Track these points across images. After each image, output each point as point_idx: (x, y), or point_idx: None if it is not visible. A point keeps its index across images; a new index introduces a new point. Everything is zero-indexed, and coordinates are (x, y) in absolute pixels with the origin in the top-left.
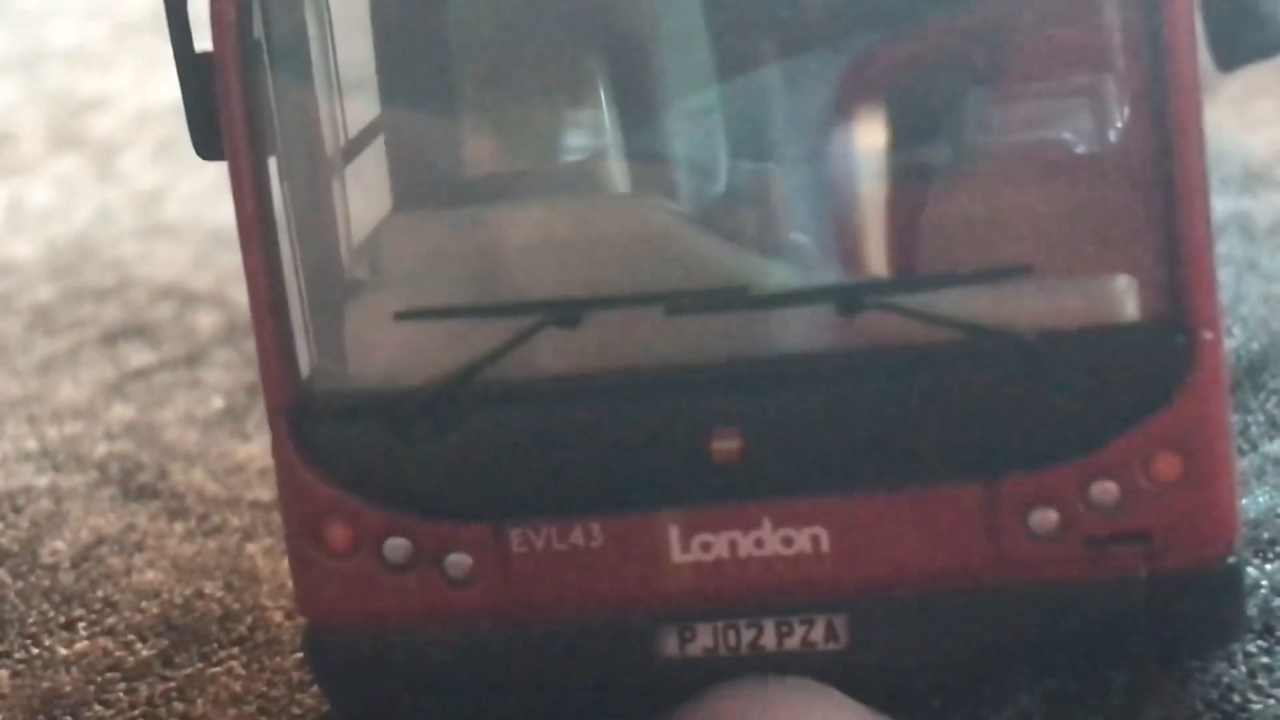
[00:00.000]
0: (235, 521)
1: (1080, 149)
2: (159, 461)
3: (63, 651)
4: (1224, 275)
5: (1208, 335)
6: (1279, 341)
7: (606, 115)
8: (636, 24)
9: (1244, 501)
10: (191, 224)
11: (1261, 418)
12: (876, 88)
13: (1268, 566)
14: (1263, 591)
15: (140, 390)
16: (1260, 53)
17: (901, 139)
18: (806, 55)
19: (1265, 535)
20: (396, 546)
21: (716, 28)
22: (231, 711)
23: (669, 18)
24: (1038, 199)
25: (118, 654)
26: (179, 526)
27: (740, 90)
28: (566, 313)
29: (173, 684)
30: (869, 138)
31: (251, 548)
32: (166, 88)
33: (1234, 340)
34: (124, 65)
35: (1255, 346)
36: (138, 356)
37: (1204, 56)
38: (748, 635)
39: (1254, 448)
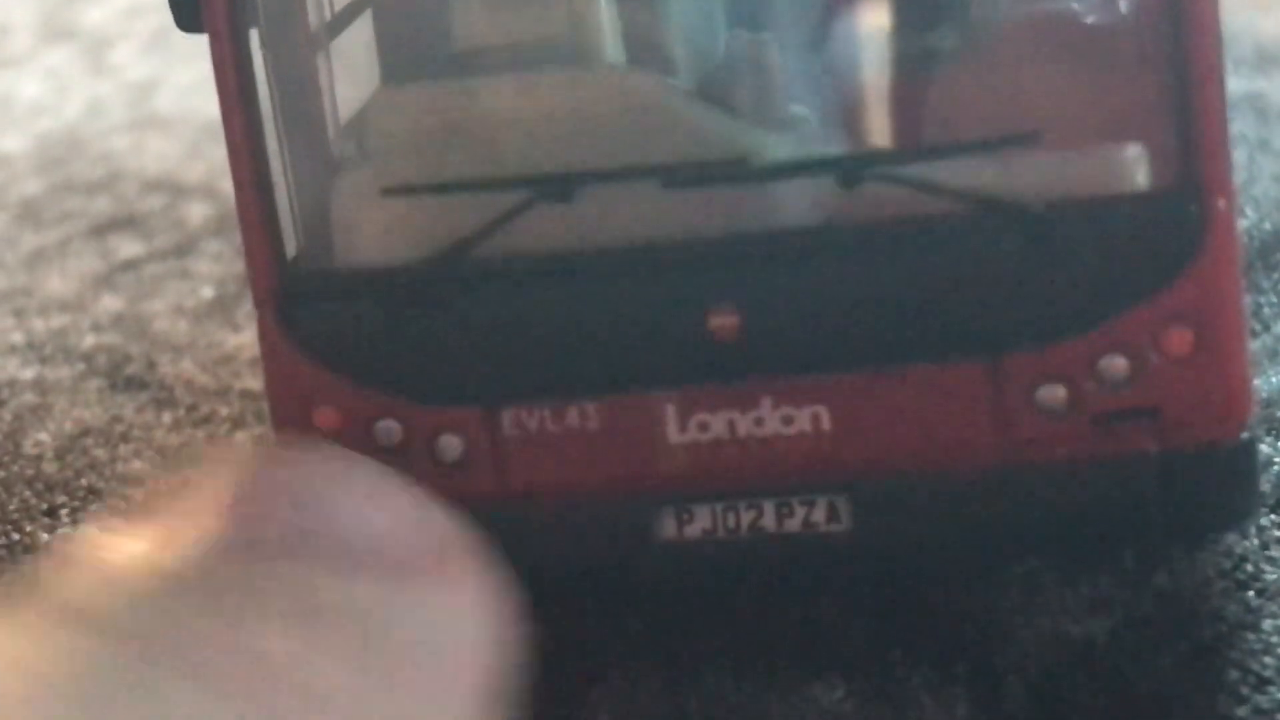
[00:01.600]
0: (224, 411)
1: (1090, 18)
2: (147, 353)
3: (44, 537)
4: (1237, 155)
5: (1220, 204)
6: None
7: None
8: None
9: (1257, 381)
10: (183, 116)
11: (1274, 298)
12: None
13: None
14: (1276, 468)
15: (129, 282)
16: None
17: (904, 9)
18: None
19: (1278, 414)
20: (387, 429)
21: None
22: None
23: None
24: (1046, 69)
25: None
26: (166, 416)
27: None
28: (558, 187)
29: None
30: (872, 7)
31: (240, 436)
32: None
33: (1246, 220)
34: None
35: (1268, 226)
36: (127, 248)
37: None
38: (747, 517)
39: (1266, 328)
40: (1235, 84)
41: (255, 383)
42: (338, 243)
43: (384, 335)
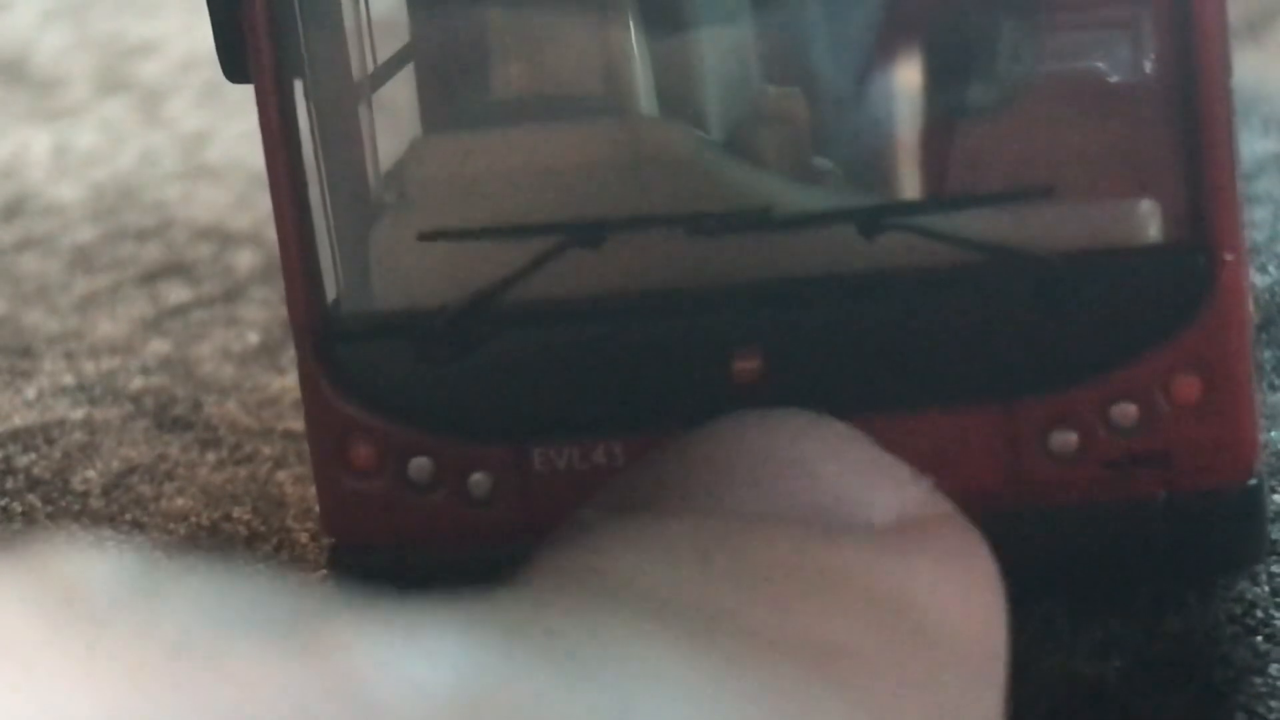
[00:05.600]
0: (267, 450)
1: (1107, 76)
2: (193, 394)
3: None
4: (1261, 214)
5: (1229, 257)
6: None
7: (634, 38)
8: None
9: (1272, 434)
10: (233, 166)
11: None
12: (904, 18)
13: None
14: None
15: (177, 326)
16: None
17: (927, 69)
18: None
19: None
20: (420, 466)
21: None
22: None
23: None
24: (1061, 126)
25: None
26: (210, 456)
27: (770, 18)
28: (589, 233)
29: None
30: (896, 66)
31: (282, 475)
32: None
33: (1269, 278)
34: (171, 11)
35: None
36: (176, 294)
37: None
38: None
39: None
40: (1262, 145)
41: (298, 424)
42: (376, 285)
43: (418, 375)
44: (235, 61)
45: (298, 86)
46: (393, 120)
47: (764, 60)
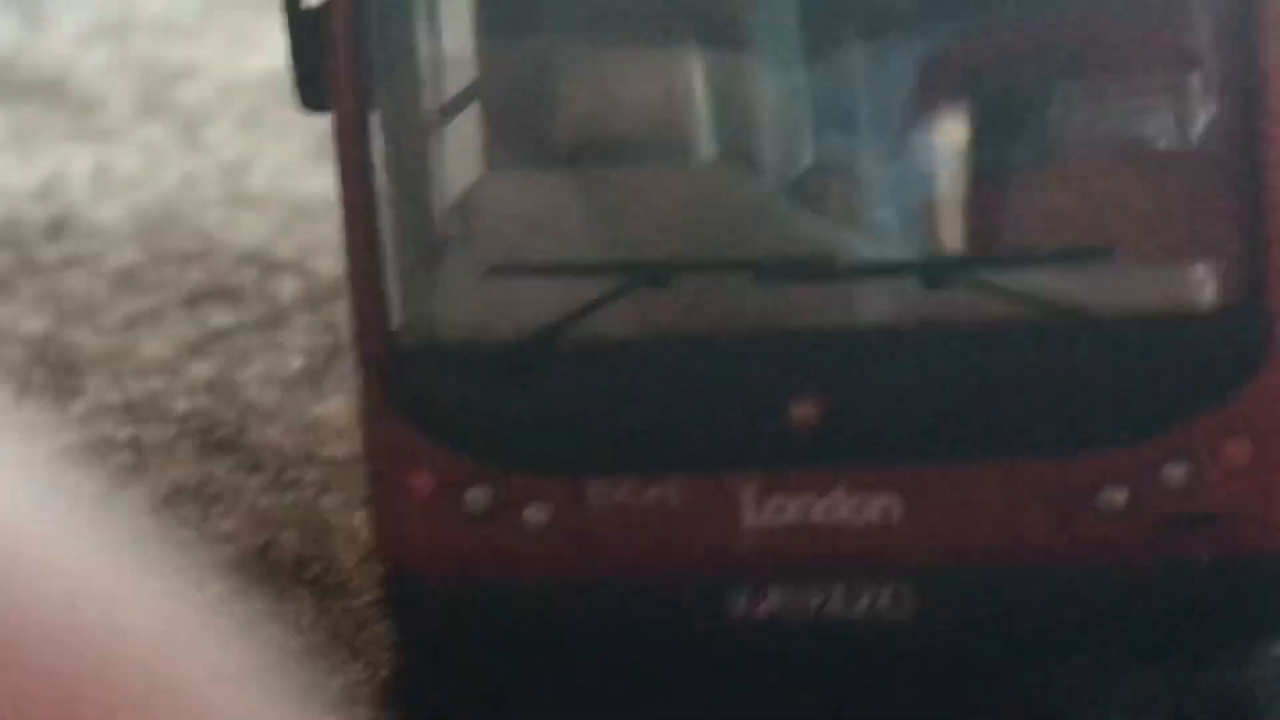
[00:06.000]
0: (311, 476)
1: (1164, 143)
2: (238, 417)
3: None
4: None
5: None
6: None
7: (700, 88)
8: (732, 2)
9: None
10: (275, 194)
11: None
12: (966, 76)
13: None
14: None
15: (221, 350)
16: None
17: (988, 127)
18: (897, 40)
19: None
20: (477, 495)
21: (810, 9)
22: (300, 640)
23: (763, 7)
24: (1122, 190)
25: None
26: (255, 480)
27: (832, 70)
28: (656, 275)
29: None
30: (956, 124)
31: (327, 501)
32: (254, 59)
33: None
34: (213, 37)
35: None
36: (219, 317)
37: None
38: (815, 600)
39: None
40: None
41: (340, 450)
42: (440, 316)
43: (479, 405)
44: (313, 90)
45: (374, 118)
46: (461, 155)
47: (829, 113)
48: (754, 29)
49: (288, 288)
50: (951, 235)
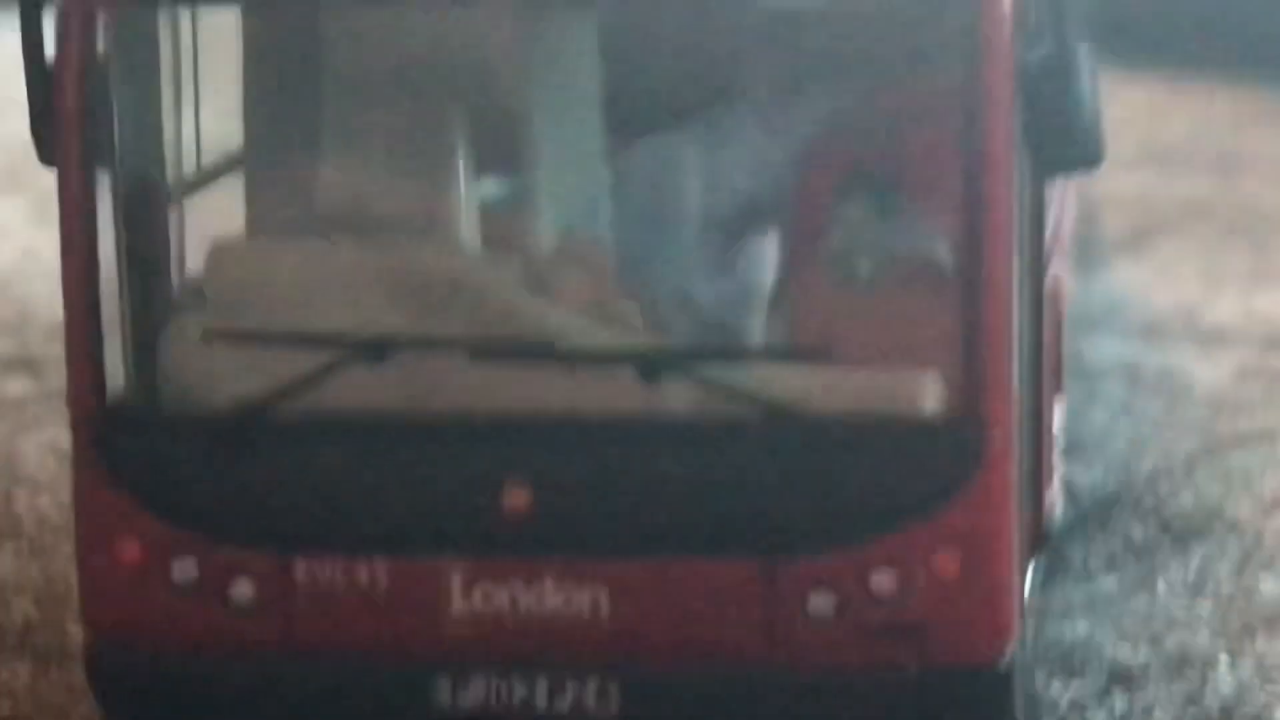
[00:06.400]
0: (66, 548)
1: (904, 254)
2: (6, 486)
3: None
4: (1099, 416)
5: (997, 436)
6: (1135, 482)
7: (458, 169)
8: (494, 92)
9: (1064, 626)
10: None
11: (1102, 552)
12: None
13: (1074, 681)
14: (1062, 707)
15: (11, 417)
16: (1079, 164)
17: (725, 225)
18: (650, 133)
19: (1077, 658)
20: (184, 567)
21: (587, 104)
22: (9, 708)
23: (524, 89)
24: (850, 296)
25: None
26: (9, 545)
27: (583, 160)
28: (372, 349)
29: None
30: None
31: (73, 572)
32: None
33: (1092, 475)
34: None
35: (1111, 484)
36: (16, 387)
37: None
38: (520, 691)
39: (1090, 579)
40: (1114, 349)
41: None
42: (159, 381)
43: (191, 475)
44: (48, 146)
45: (103, 180)
46: (213, 224)
47: (574, 201)
48: (515, 123)
49: None
50: (680, 329)
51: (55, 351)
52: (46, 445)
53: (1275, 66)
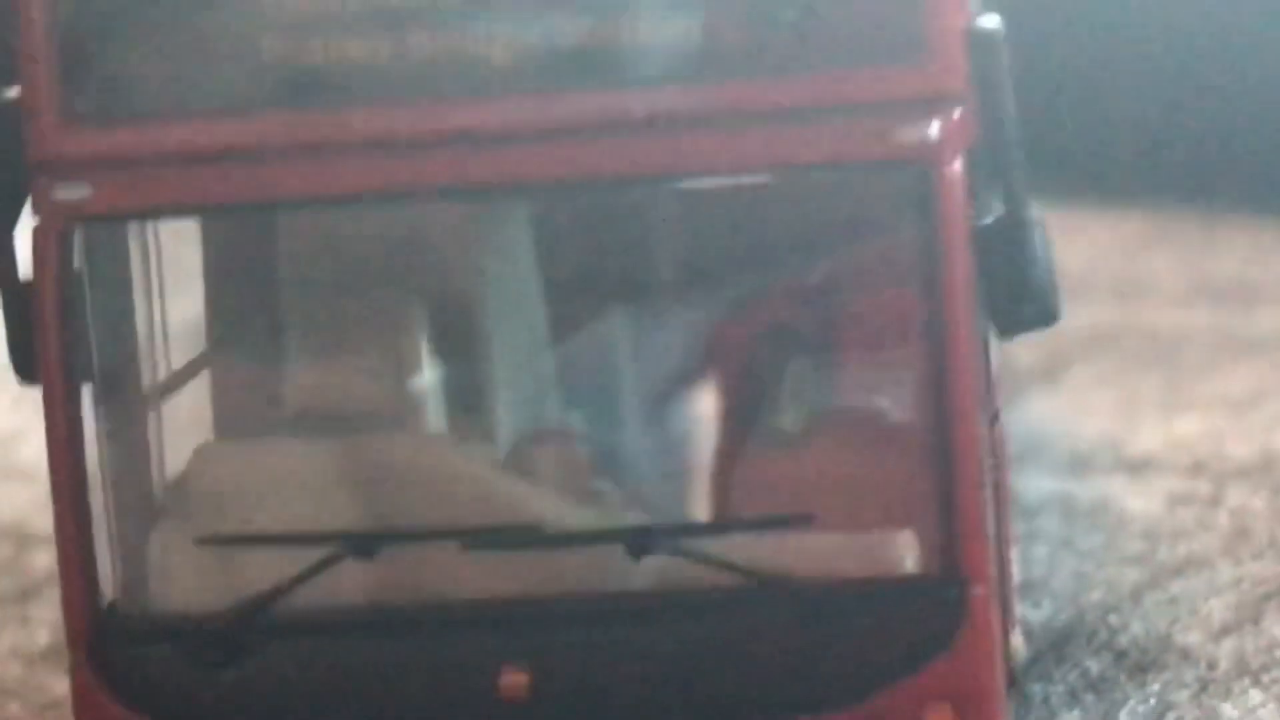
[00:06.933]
0: None
1: (874, 417)
2: None
3: None
4: (1040, 551)
5: (978, 591)
6: (1085, 616)
7: (426, 363)
8: (461, 279)
9: None
10: (42, 468)
11: (1062, 688)
12: (692, 352)
13: None
14: None
15: None
16: (1035, 323)
17: (704, 400)
18: (629, 315)
19: None
20: None
21: (545, 286)
22: None
23: (496, 273)
24: (826, 459)
25: None
26: None
27: (564, 344)
28: (361, 545)
29: None
30: (676, 396)
31: None
32: None
33: (1042, 612)
34: None
35: (1062, 619)
36: None
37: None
38: None
39: (1053, 716)
40: (1046, 484)
41: None
42: (151, 590)
43: (188, 681)
44: (27, 363)
45: (86, 390)
46: (185, 427)
47: (557, 380)
48: (484, 313)
49: (41, 561)
50: (664, 506)
51: (3, 553)
52: (8, 652)
53: (1170, 191)
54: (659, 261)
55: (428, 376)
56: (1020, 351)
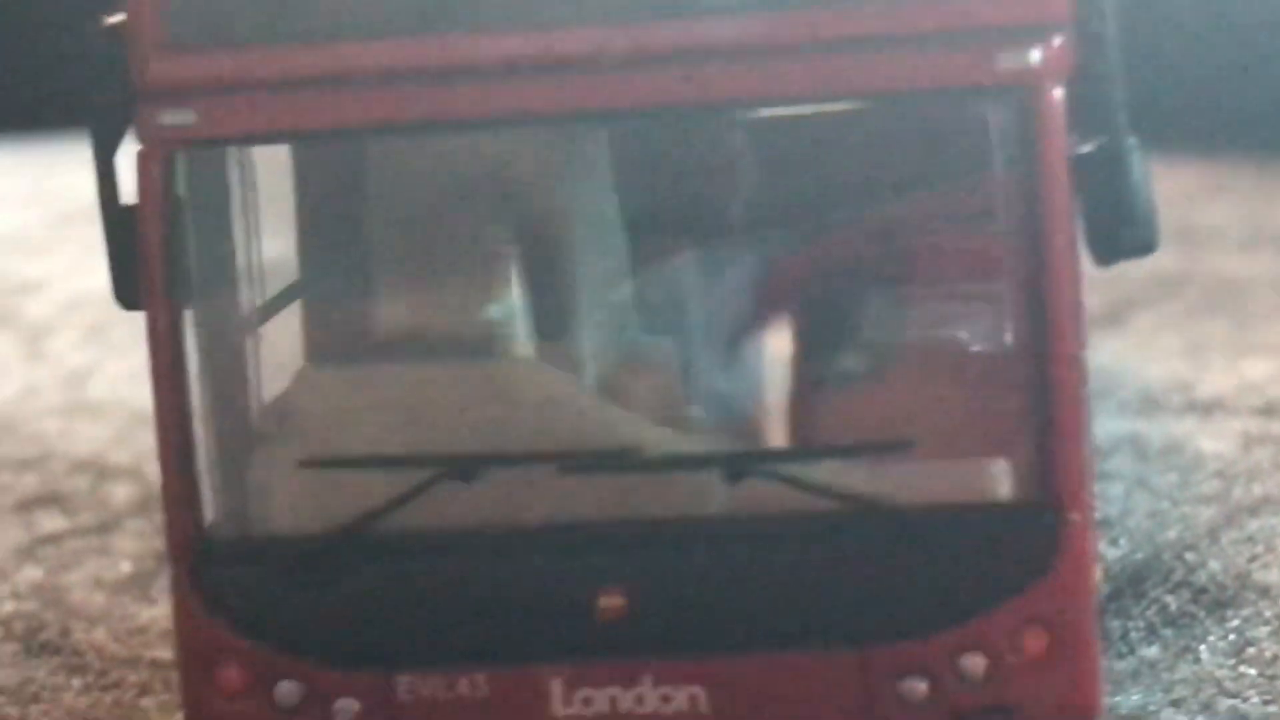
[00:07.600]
0: (133, 678)
1: (968, 343)
2: (63, 621)
3: None
4: (1115, 490)
5: (1075, 518)
6: (1161, 553)
7: (516, 287)
8: (549, 206)
9: (1118, 699)
10: (115, 404)
11: (1141, 624)
12: (781, 278)
13: None
14: None
15: (50, 555)
16: (1135, 251)
17: (797, 327)
18: (713, 242)
19: None
20: (287, 690)
21: (630, 216)
22: None
23: (582, 201)
24: (923, 388)
25: None
26: (76, 681)
27: (647, 268)
28: (462, 468)
29: None
30: (767, 323)
31: (146, 702)
32: (100, 276)
33: (1120, 550)
34: (60, 252)
35: (1139, 557)
36: (50, 523)
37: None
38: None
39: (1132, 651)
40: (1118, 425)
41: (165, 653)
42: (251, 511)
43: (288, 600)
44: (129, 289)
45: (187, 315)
46: (280, 352)
47: (641, 309)
48: (573, 237)
49: (120, 493)
50: (758, 431)
51: (82, 486)
52: (91, 580)
53: (1226, 139)
54: (749, 192)
55: (517, 303)
56: (1085, 297)
